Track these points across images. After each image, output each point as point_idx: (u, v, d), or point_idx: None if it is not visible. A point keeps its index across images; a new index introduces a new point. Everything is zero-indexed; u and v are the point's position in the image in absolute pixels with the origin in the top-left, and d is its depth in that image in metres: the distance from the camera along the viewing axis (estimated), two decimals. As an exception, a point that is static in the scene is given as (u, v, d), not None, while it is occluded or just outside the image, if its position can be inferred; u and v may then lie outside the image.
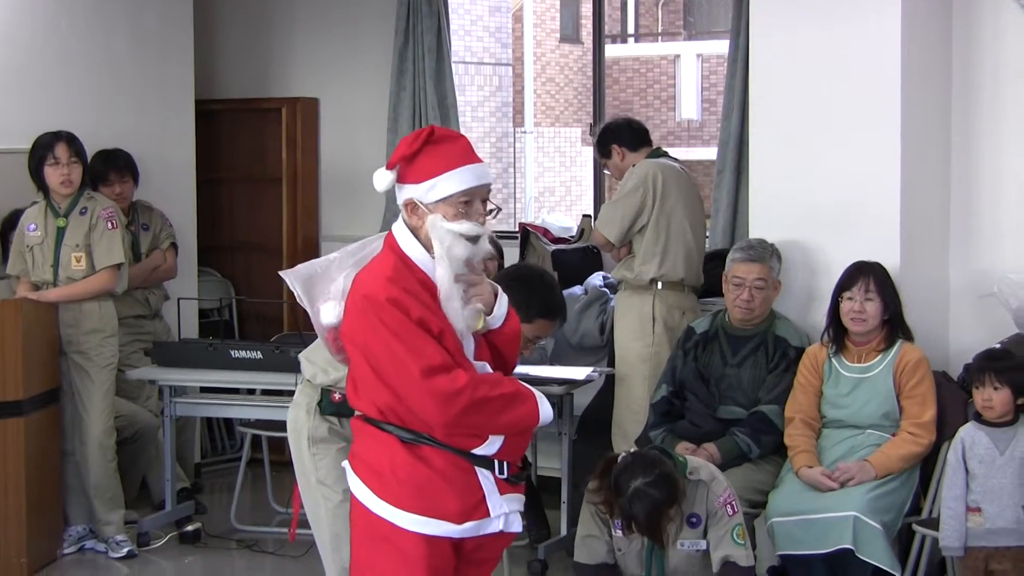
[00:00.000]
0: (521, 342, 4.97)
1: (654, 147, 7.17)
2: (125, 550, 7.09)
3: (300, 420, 4.88)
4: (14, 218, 7.57)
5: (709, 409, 6.21)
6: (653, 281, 6.85)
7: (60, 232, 7.04)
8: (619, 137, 7.16)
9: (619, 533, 5.36)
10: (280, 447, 8.65)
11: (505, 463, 4.05)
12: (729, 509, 5.30)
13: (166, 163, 8.53)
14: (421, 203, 3.98)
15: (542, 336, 5.17)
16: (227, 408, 7.81)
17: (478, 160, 4.05)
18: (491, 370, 4.05)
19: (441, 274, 3.95)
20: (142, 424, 7.65)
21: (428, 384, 3.87)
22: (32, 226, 7.10)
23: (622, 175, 7.07)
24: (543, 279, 5.30)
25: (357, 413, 4.13)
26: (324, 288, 4.23)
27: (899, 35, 6.13)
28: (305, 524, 7.51)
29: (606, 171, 7.35)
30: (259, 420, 7.68)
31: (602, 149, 7.23)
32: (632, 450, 5.35)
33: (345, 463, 4.17)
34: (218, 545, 7.38)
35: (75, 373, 7.05)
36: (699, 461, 5.51)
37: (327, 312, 4.21)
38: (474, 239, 3.98)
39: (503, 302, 4.11)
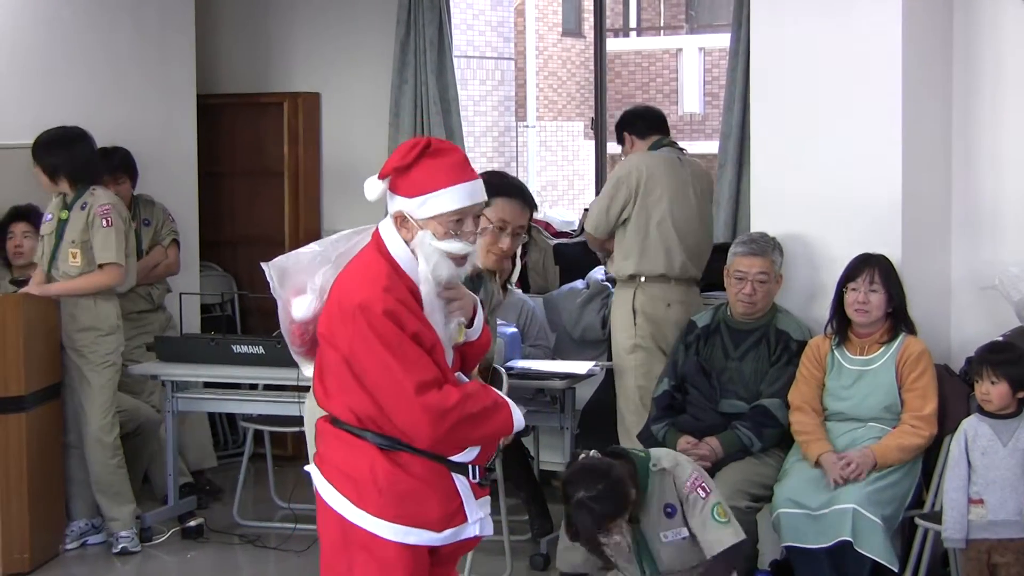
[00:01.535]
0: (491, 233, 4.88)
1: (660, 137, 7.12)
2: (120, 546, 7.08)
3: (316, 408, 4.87)
4: (15, 214, 7.58)
5: (711, 403, 6.20)
6: (633, 276, 6.86)
7: (62, 225, 7.03)
8: (631, 125, 7.18)
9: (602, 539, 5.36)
10: (283, 442, 8.68)
11: (476, 467, 4.05)
12: (701, 491, 5.24)
13: (167, 158, 8.53)
14: (411, 217, 3.93)
15: (508, 221, 4.99)
16: (229, 403, 7.81)
17: (473, 177, 3.98)
18: (466, 379, 4.04)
19: (425, 292, 3.92)
20: (144, 419, 7.64)
21: (421, 400, 3.84)
22: (48, 216, 7.11)
23: None
24: (502, 175, 5.22)
25: (324, 414, 4.10)
26: (300, 281, 4.16)
27: (899, 27, 6.13)
28: (308, 519, 7.53)
29: (623, 158, 7.30)
30: (261, 415, 7.68)
31: (618, 136, 7.27)
32: (584, 455, 5.28)
33: (311, 467, 4.13)
34: (221, 540, 7.38)
35: (73, 370, 7.05)
36: (663, 451, 5.50)
37: (300, 306, 4.14)
38: (460, 259, 3.95)
39: (480, 314, 4.11)
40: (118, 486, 7.12)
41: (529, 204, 5.15)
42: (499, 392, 4.07)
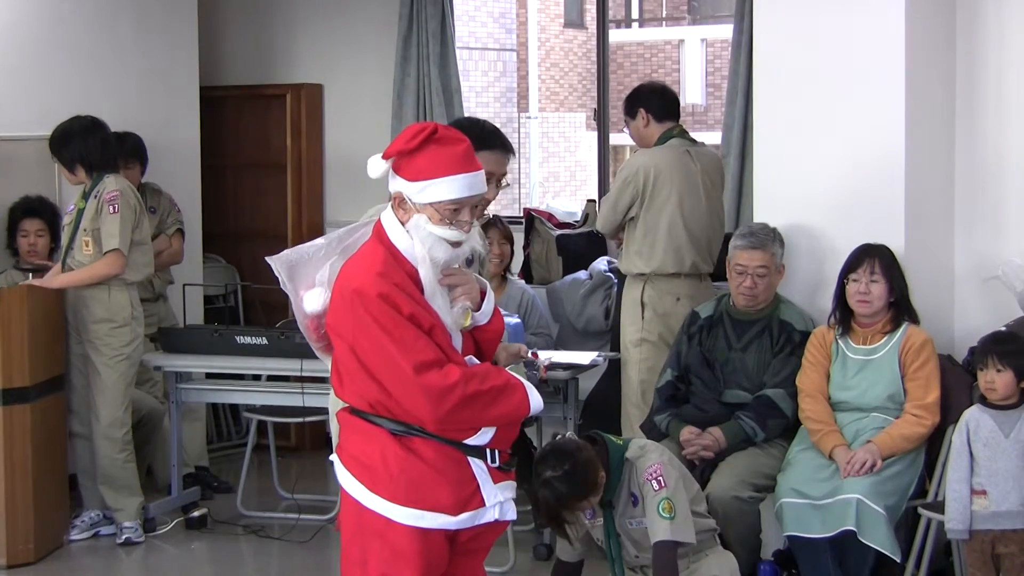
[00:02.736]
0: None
1: (674, 125, 6.98)
2: (124, 537, 7.09)
3: (337, 400, 4.88)
4: (27, 209, 7.59)
5: (714, 393, 6.20)
6: (643, 273, 6.84)
7: (79, 214, 7.04)
8: (649, 102, 6.99)
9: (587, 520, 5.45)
10: (286, 433, 8.70)
11: (496, 451, 4.06)
12: (655, 484, 5.29)
13: (171, 149, 8.53)
14: (410, 200, 3.97)
15: (492, 172, 5.00)
16: (233, 394, 7.83)
17: (476, 168, 4.01)
18: (478, 363, 4.05)
19: (424, 274, 3.95)
20: (148, 410, 7.65)
21: (420, 380, 3.86)
22: (71, 206, 7.13)
23: (642, 140, 6.99)
24: (476, 122, 5.20)
25: (344, 405, 4.12)
26: (309, 275, 4.18)
27: (903, 18, 6.13)
28: (311, 510, 7.55)
29: (624, 129, 7.17)
30: (264, 406, 7.70)
31: (630, 109, 7.04)
32: (559, 436, 5.39)
33: (333, 457, 4.16)
34: (224, 531, 7.40)
35: (86, 362, 7.05)
36: (637, 441, 5.56)
37: (311, 299, 4.17)
38: (456, 244, 3.97)
39: (490, 299, 4.12)
40: (125, 480, 7.12)
41: (508, 149, 5.15)
42: (514, 374, 4.08)
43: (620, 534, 5.41)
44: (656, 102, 6.99)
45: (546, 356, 5.73)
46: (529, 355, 4.27)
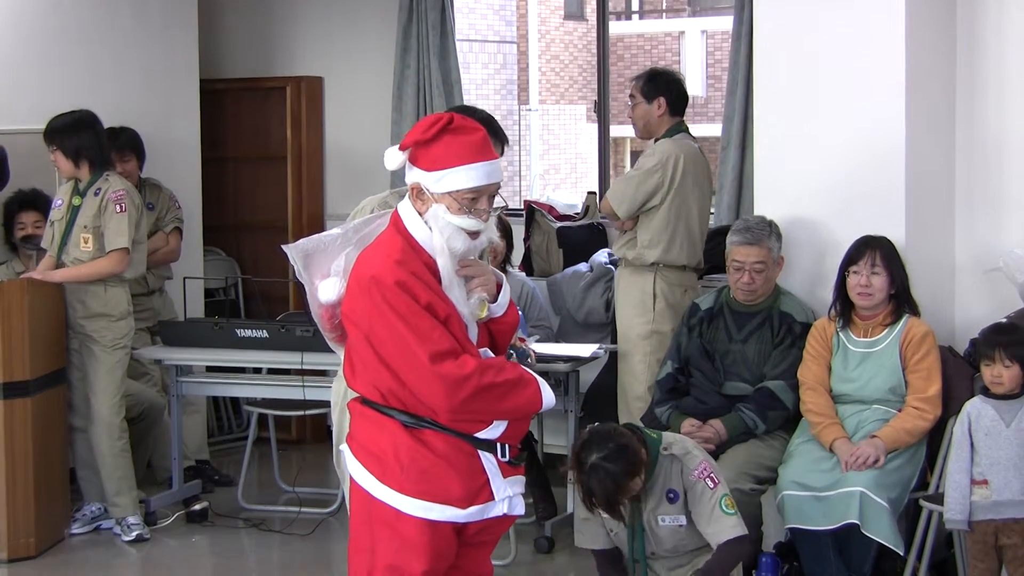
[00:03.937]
0: None
1: (681, 119, 6.98)
2: (134, 534, 7.07)
3: (343, 390, 4.89)
4: (23, 201, 7.57)
5: (715, 385, 6.20)
6: (655, 263, 6.82)
7: (74, 211, 7.02)
8: (670, 92, 6.95)
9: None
10: (287, 426, 8.69)
11: (506, 445, 4.06)
12: (709, 482, 5.28)
13: (171, 142, 8.53)
14: (427, 190, 3.98)
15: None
16: (233, 387, 7.82)
17: (492, 157, 4.03)
18: (492, 355, 4.06)
19: (442, 264, 3.97)
20: (148, 404, 7.65)
21: (436, 369, 3.88)
22: (58, 201, 7.11)
23: (648, 126, 6.96)
24: (470, 110, 5.17)
25: (355, 395, 4.13)
26: (324, 264, 4.21)
27: (903, 8, 6.11)
28: (312, 503, 7.55)
29: (630, 101, 7.03)
30: (265, 399, 7.70)
31: (649, 92, 6.94)
32: (591, 426, 5.37)
33: (343, 446, 4.17)
34: (225, 524, 7.40)
35: (83, 353, 7.04)
36: (674, 436, 5.52)
37: (326, 289, 4.19)
38: (474, 234, 3.99)
39: (506, 291, 4.14)
40: (123, 471, 7.12)
41: (501, 138, 5.14)
42: (527, 369, 4.09)
43: (644, 528, 5.36)
44: (676, 94, 6.97)
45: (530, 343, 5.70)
46: (517, 341, 4.26)
